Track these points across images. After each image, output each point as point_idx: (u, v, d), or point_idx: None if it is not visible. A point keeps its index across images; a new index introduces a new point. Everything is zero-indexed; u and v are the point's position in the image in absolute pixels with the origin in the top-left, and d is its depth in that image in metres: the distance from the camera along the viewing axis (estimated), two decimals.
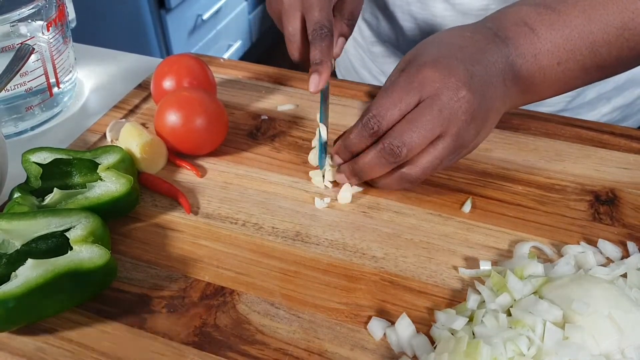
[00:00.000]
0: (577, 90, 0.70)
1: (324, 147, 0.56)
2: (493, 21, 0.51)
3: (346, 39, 0.59)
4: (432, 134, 0.47)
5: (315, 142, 0.58)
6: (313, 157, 0.58)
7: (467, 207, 0.53)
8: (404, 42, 0.74)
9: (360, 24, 0.80)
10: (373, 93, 0.67)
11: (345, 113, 0.65)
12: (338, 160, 0.54)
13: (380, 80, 0.82)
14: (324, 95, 0.59)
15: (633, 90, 0.73)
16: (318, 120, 0.57)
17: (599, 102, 0.73)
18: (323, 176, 0.55)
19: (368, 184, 0.55)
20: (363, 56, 0.83)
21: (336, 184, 0.56)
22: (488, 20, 0.52)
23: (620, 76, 0.70)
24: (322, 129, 0.56)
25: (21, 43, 0.60)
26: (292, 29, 0.56)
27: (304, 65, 0.57)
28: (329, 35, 0.54)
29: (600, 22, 0.49)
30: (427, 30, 0.70)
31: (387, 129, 0.48)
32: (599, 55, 0.50)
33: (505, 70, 0.49)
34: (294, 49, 0.57)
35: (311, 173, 0.56)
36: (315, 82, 0.53)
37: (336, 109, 0.65)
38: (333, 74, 0.92)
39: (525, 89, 0.51)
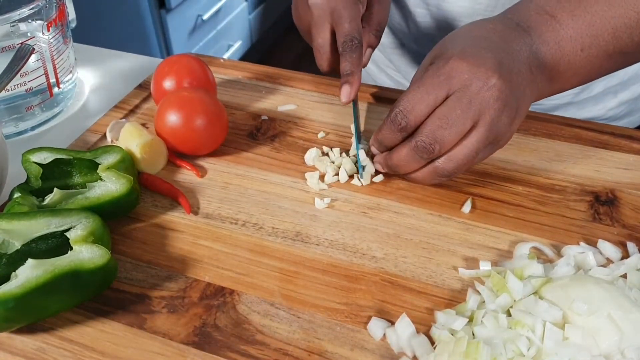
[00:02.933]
0: None
1: (361, 150, 0.57)
2: (513, 12, 0.52)
3: (373, 50, 0.60)
4: (464, 127, 0.47)
5: (352, 151, 0.59)
6: (309, 157, 0.58)
7: (467, 208, 0.53)
8: (415, 30, 0.74)
9: None
10: (378, 95, 0.67)
11: (344, 112, 0.65)
12: (375, 151, 0.54)
13: (388, 73, 0.82)
14: (355, 104, 0.60)
15: (639, 85, 0.74)
16: (352, 130, 0.59)
17: (606, 97, 0.73)
18: (359, 178, 0.56)
19: (400, 177, 0.55)
20: None
21: (332, 184, 0.56)
22: (508, 12, 0.52)
23: (626, 70, 0.70)
24: (356, 137, 0.57)
25: (21, 43, 0.60)
26: (321, 40, 0.57)
27: (332, 75, 0.59)
28: (359, 47, 0.55)
29: (621, 6, 0.49)
30: (439, 18, 0.70)
31: (416, 124, 0.48)
32: (621, 40, 0.50)
33: (530, 58, 0.49)
34: (322, 60, 0.58)
35: (307, 174, 0.56)
36: (347, 92, 0.54)
37: (335, 108, 0.65)
38: None
39: (551, 77, 0.51)
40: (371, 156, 0.56)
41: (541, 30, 0.50)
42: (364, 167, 0.56)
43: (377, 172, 0.56)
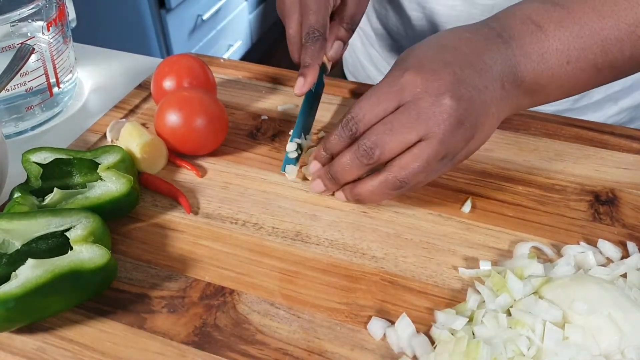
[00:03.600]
0: None
1: (295, 144, 0.56)
2: (497, 20, 0.50)
3: (344, 43, 0.59)
4: (408, 137, 0.46)
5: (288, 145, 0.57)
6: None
7: (467, 207, 0.53)
8: (411, 33, 0.74)
9: (369, 14, 0.80)
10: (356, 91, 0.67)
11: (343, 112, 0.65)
12: (315, 166, 0.52)
13: (386, 74, 0.82)
14: (309, 98, 0.59)
15: None
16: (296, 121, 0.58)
17: (606, 104, 0.72)
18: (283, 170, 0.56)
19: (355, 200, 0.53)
20: (370, 51, 0.83)
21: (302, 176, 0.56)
22: (492, 20, 0.50)
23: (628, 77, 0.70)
24: (298, 130, 0.57)
25: (21, 43, 0.60)
26: (292, 30, 0.57)
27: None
28: (320, 39, 0.54)
29: (611, 18, 0.47)
30: (435, 22, 0.70)
31: (365, 132, 0.47)
32: (611, 54, 0.48)
33: (504, 72, 0.47)
34: (293, 50, 0.58)
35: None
36: (300, 85, 0.54)
37: (335, 108, 0.65)
38: (342, 75, 0.93)
39: (530, 91, 0.49)
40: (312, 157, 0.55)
41: (524, 42, 0.47)
42: (294, 161, 0.56)
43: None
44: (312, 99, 0.60)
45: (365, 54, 0.84)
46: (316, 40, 0.54)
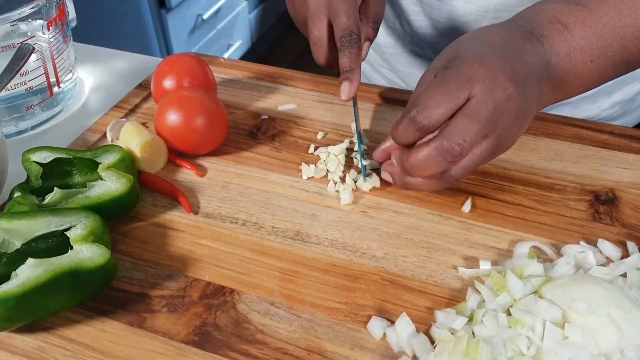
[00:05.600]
0: None
1: (363, 154, 0.56)
2: (525, 20, 0.50)
3: (371, 42, 0.58)
4: (486, 130, 0.46)
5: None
6: (306, 171, 0.57)
7: (467, 207, 0.53)
8: (409, 29, 0.73)
9: None
10: (380, 95, 0.67)
11: (344, 112, 0.65)
12: (382, 156, 0.53)
13: (382, 72, 0.82)
14: (355, 102, 0.59)
15: (633, 86, 0.73)
16: (353, 129, 0.58)
17: (600, 97, 0.73)
18: (362, 182, 0.55)
19: (387, 183, 0.55)
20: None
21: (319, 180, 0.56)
22: (519, 19, 0.51)
23: None
24: (358, 136, 0.57)
25: (21, 42, 0.60)
26: (318, 33, 0.55)
27: (329, 68, 0.58)
28: (357, 42, 0.53)
29: (630, 16, 0.49)
30: (433, 17, 0.70)
31: (438, 123, 0.46)
32: (628, 50, 0.50)
33: (540, 69, 0.48)
34: (320, 54, 0.56)
35: (303, 166, 0.57)
36: (347, 89, 0.53)
37: (335, 108, 0.65)
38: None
39: (556, 88, 0.50)
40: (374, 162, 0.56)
41: (553, 40, 0.49)
42: (366, 169, 0.56)
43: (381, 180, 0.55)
44: (354, 101, 0.59)
45: None
46: (354, 43, 0.53)
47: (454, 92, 0.45)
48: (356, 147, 0.58)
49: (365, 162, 0.56)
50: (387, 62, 0.81)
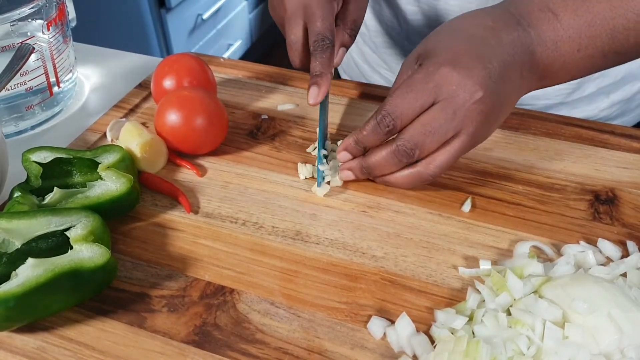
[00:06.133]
0: (577, 82, 0.70)
1: (323, 157, 0.56)
2: (516, 6, 0.51)
3: (347, 49, 0.59)
4: (445, 136, 0.48)
5: (314, 152, 0.57)
6: (302, 171, 0.57)
7: (467, 207, 0.53)
8: (406, 27, 0.73)
9: None
10: (370, 93, 0.67)
11: (347, 112, 0.65)
12: (345, 156, 0.53)
13: (381, 72, 0.82)
14: (323, 106, 0.58)
15: (632, 85, 0.74)
16: (317, 132, 0.57)
17: (598, 97, 0.73)
18: (319, 182, 0.55)
19: (372, 181, 0.55)
20: (364, 50, 0.83)
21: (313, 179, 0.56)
22: (511, 5, 0.52)
23: (619, 70, 0.70)
24: (322, 140, 0.56)
25: (21, 42, 0.60)
26: (294, 36, 0.56)
27: (305, 70, 0.58)
28: (330, 47, 0.54)
29: (622, 8, 0.49)
30: (431, 15, 0.70)
31: (402, 128, 0.49)
32: (618, 41, 0.50)
33: (524, 61, 0.49)
34: (295, 56, 0.57)
35: (299, 166, 0.57)
36: (315, 94, 0.53)
37: (336, 108, 0.65)
38: (337, 76, 0.92)
39: (542, 76, 0.51)
40: (334, 164, 0.56)
41: (541, 30, 0.50)
42: (323, 176, 0.55)
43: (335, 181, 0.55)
44: (322, 106, 0.59)
45: (359, 53, 0.84)
46: (326, 48, 0.54)
47: (419, 97, 0.48)
48: (315, 152, 0.58)
49: (322, 167, 0.55)
50: (385, 62, 0.81)
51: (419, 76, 0.48)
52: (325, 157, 0.56)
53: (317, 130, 0.58)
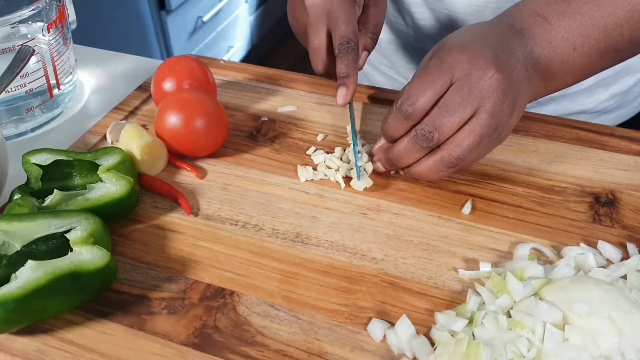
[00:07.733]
0: None
1: (357, 153, 0.57)
2: (507, 16, 0.53)
3: (369, 52, 0.60)
4: (464, 114, 0.48)
5: (351, 156, 0.58)
6: (303, 173, 0.57)
7: (467, 209, 0.53)
8: (411, 23, 0.74)
9: None
10: (374, 96, 0.67)
11: (344, 114, 0.65)
12: (376, 149, 0.55)
13: (382, 70, 0.82)
14: (351, 106, 0.60)
15: (630, 78, 0.75)
16: (349, 131, 0.59)
17: (597, 89, 0.74)
18: (357, 182, 0.56)
19: (403, 177, 0.56)
20: None
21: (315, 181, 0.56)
22: (502, 16, 0.54)
23: None
24: (354, 139, 0.57)
25: (22, 44, 0.60)
26: (317, 42, 0.57)
27: (326, 76, 0.60)
28: (355, 49, 0.55)
29: (609, 6, 0.51)
30: (436, 10, 0.70)
31: (423, 111, 0.49)
32: (612, 38, 0.52)
33: (525, 57, 0.50)
34: (318, 62, 0.58)
35: (299, 168, 0.57)
36: (343, 95, 0.55)
37: (335, 109, 0.65)
38: None
39: (546, 77, 0.52)
40: (369, 158, 0.56)
41: (534, 32, 0.51)
42: (361, 170, 0.56)
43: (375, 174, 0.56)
44: (350, 106, 0.60)
45: None
46: (351, 51, 0.55)
47: (436, 79, 0.48)
48: (351, 149, 0.58)
49: (359, 163, 0.56)
50: (387, 59, 0.81)
51: (432, 62, 0.50)
52: (359, 152, 0.57)
53: (348, 128, 0.60)
